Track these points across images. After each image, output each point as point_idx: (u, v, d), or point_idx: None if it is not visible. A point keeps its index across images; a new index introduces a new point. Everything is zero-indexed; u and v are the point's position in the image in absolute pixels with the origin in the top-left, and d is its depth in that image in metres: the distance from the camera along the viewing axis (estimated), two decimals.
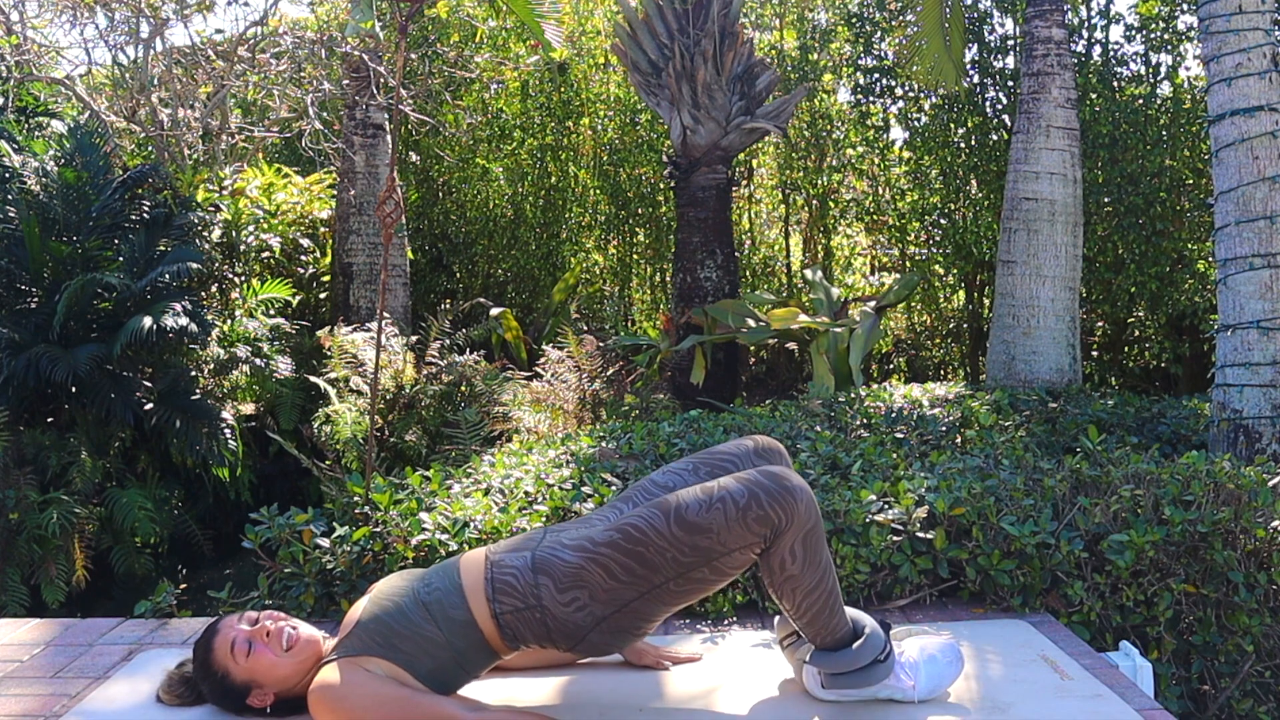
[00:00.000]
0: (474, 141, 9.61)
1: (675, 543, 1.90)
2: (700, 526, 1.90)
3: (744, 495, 1.90)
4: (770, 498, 1.89)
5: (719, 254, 7.25)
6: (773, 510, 1.89)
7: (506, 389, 6.29)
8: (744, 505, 1.89)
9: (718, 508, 1.90)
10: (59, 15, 8.66)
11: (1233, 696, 2.65)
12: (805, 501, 1.91)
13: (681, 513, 1.91)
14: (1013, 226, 5.70)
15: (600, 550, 1.93)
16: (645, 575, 1.92)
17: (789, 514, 1.89)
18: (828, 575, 1.99)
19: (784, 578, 1.96)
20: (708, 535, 1.90)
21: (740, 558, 1.94)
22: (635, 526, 1.93)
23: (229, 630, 2.06)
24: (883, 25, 8.18)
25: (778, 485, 1.90)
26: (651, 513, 1.94)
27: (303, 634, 2.06)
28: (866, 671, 2.03)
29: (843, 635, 2.04)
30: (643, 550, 1.91)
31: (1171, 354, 7.30)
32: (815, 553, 1.95)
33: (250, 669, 2.02)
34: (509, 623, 1.96)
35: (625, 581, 1.92)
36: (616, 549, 1.92)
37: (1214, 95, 4.24)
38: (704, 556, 1.91)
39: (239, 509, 5.99)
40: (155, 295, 5.78)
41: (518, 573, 1.97)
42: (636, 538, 1.92)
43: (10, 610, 4.59)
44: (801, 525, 1.91)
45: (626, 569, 1.92)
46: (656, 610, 1.97)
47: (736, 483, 1.93)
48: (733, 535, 1.90)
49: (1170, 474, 2.91)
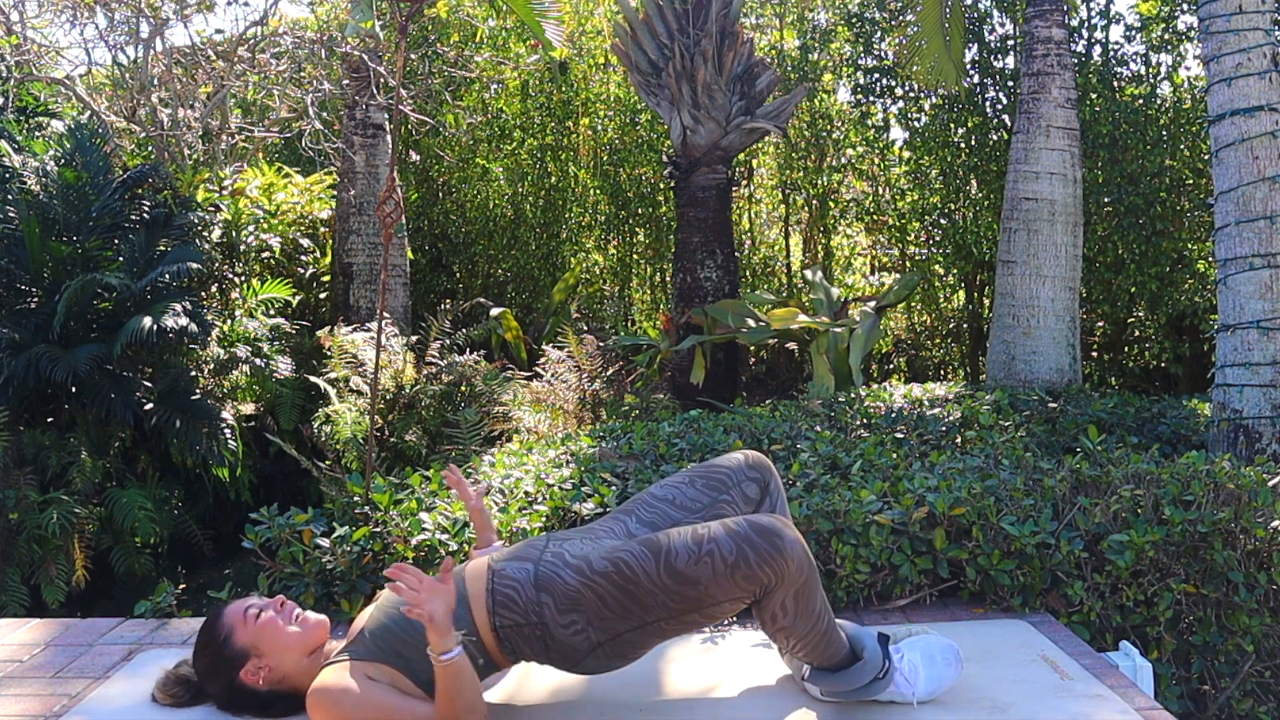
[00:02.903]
0: (474, 141, 9.61)
1: (664, 589, 1.91)
2: (688, 578, 1.89)
3: (733, 552, 1.88)
4: (759, 558, 1.87)
5: (719, 254, 7.25)
6: (761, 571, 1.88)
7: (506, 389, 6.29)
8: (732, 563, 1.88)
9: (705, 561, 1.89)
10: (59, 15, 8.66)
11: (1233, 696, 2.65)
12: (796, 559, 1.89)
13: (671, 561, 1.90)
14: (1013, 226, 5.70)
15: (595, 579, 1.94)
16: (636, 612, 1.93)
17: (778, 574, 1.88)
18: (821, 618, 1.99)
19: (776, 628, 1.99)
20: (695, 586, 1.90)
21: (730, 607, 1.95)
22: (627, 564, 1.93)
23: (245, 600, 2.12)
24: (883, 25, 8.18)
25: (768, 543, 1.88)
26: (643, 553, 1.93)
27: (313, 617, 2.10)
28: (865, 690, 2.05)
29: (841, 659, 2.05)
30: (633, 589, 1.92)
31: (1171, 354, 7.30)
32: (807, 604, 1.95)
33: (256, 633, 2.04)
34: (508, 636, 1.96)
35: (618, 613, 1.93)
36: (609, 581, 1.93)
37: (1214, 95, 4.24)
38: (693, 605, 1.92)
39: (239, 509, 5.98)
40: (155, 295, 5.77)
41: (520, 587, 1.97)
42: (628, 575, 1.92)
43: (10, 610, 4.58)
44: (792, 582, 1.90)
45: (619, 602, 1.93)
46: (649, 641, 1.99)
47: (726, 535, 1.90)
48: (720, 589, 1.90)
49: (1170, 474, 2.91)
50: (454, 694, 1.84)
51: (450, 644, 1.83)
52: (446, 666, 1.83)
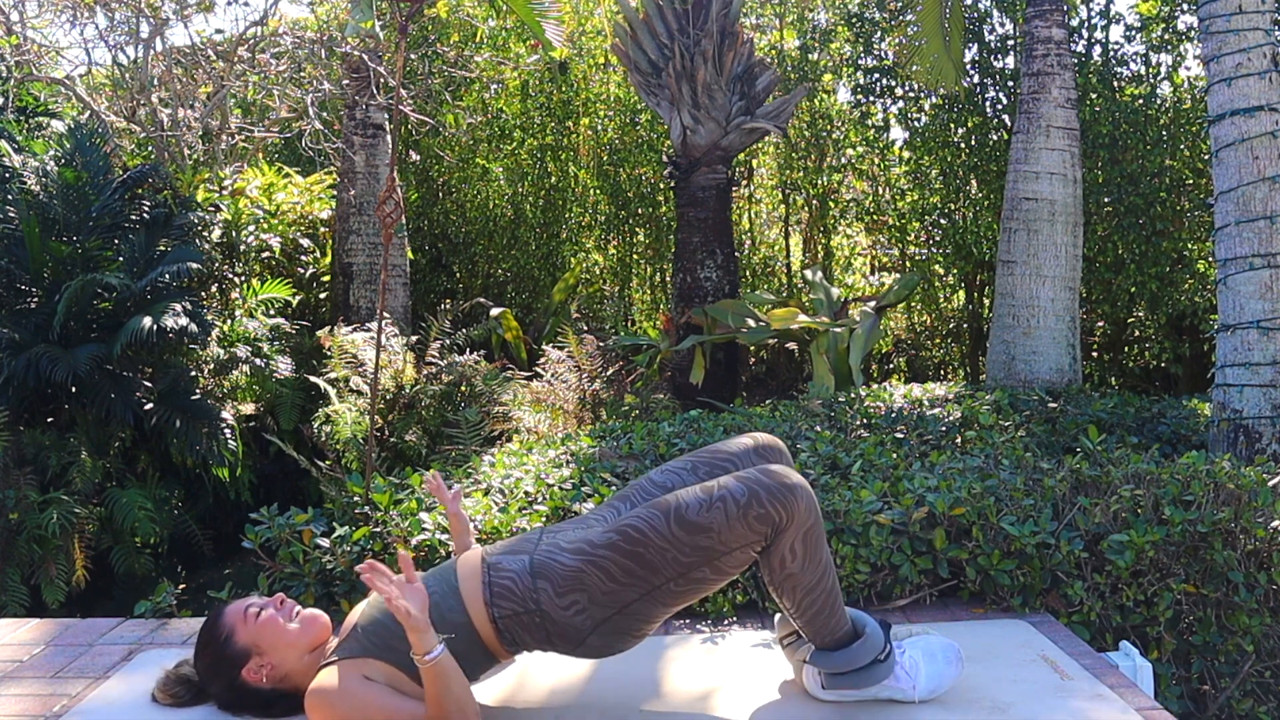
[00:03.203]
0: (474, 141, 9.61)
1: (675, 542, 1.90)
2: (701, 526, 1.90)
3: (744, 494, 1.90)
4: (770, 496, 1.89)
5: (719, 254, 7.25)
6: (773, 508, 1.89)
7: (506, 389, 6.29)
8: (744, 504, 1.89)
9: (718, 507, 1.90)
10: (59, 15, 8.67)
11: (1233, 696, 2.65)
12: (805, 499, 1.91)
13: (681, 512, 1.91)
14: (1013, 226, 5.71)
15: (599, 552, 1.93)
16: (645, 576, 1.92)
17: (789, 512, 1.90)
18: (828, 574, 1.99)
19: (784, 575, 1.96)
20: (708, 534, 1.90)
21: (741, 556, 1.94)
22: (634, 527, 1.93)
23: (245, 600, 2.12)
24: (883, 25, 8.18)
25: (778, 483, 1.90)
26: (651, 513, 1.93)
27: (311, 613, 2.10)
28: (866, 671, 2.04)
29: (843, 635, 2.04)
30: (642, 551, 1.91)
31: (1171, 354, 7.30)
32: (815, 550, 1.95)
33: (257, 632, 2.04)
34: (507, 626, 1.96)
35: (625, 583, 1.92)
36: (615, 550, 1.92)
37: (1214, 95, 4.24)
38: (704, 556, 1.92)
39: (239, 509, 5.98)
40: (155, 295, 5.77)
41: (515, 576, 1.97)
42: (636, 539, 1.92)
43: (10, 610, 4.58)
44: (802, 523, 1.92)
45: (626, 570, 1.92)
46: (656, 611, 1.97)
47: (736, 481, 1.93)
48: (733, 534, 1.90)
49: (1170, 474, 2.91)
50: (442, 694, 1.84)
51: (431, 642, 1.83)
52: (431, 667, 1.83)
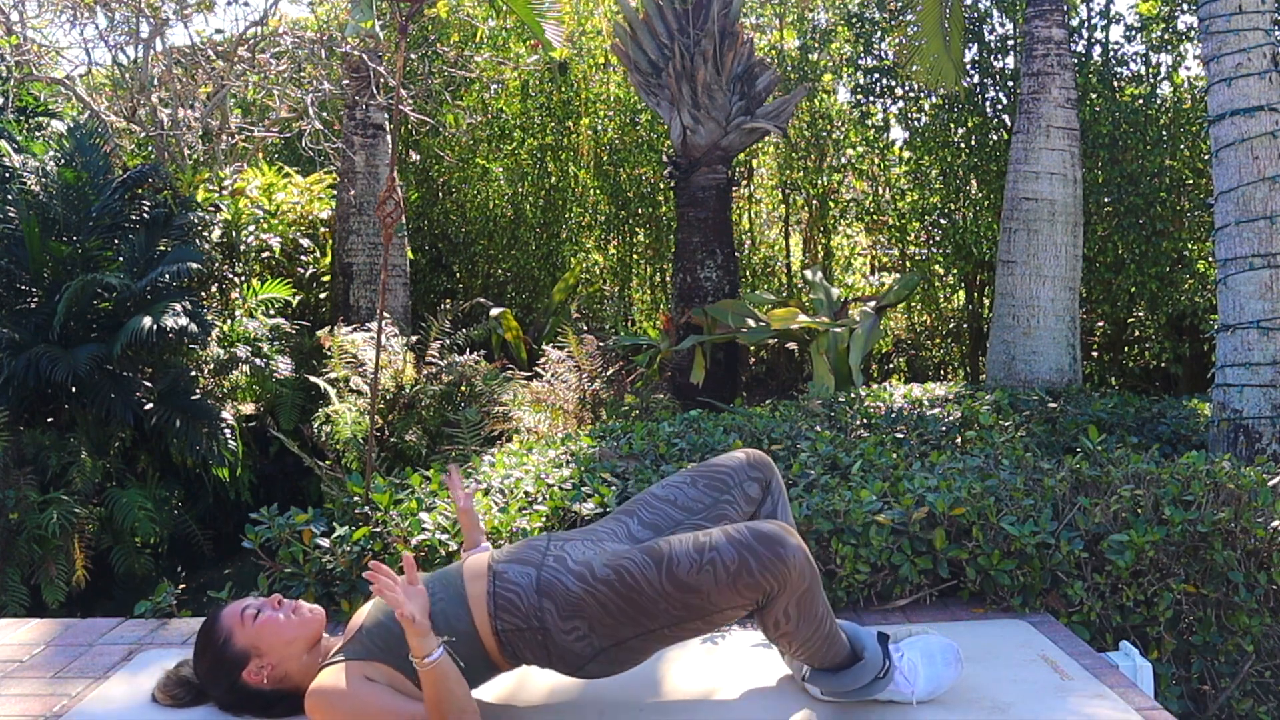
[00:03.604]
0: (474, 141, 9.61)
1: (666, 596, 1.91)
2: (690, 586, 1.90)
3: (734, 561, 1.88)
4: (761, 566, 1.87)
5: (719, 254, 7.25)
6: (764, 579, 1.88)
7: (506, 389, 6.29)
8: (734, 572, 1.88)
9: (708, 570, 1.89)
10: (59, 15, 8.66)
11: (1233, 696, 2.65)
12: (798, 567, 1.89)
13: (673, 569, 1.91)
14: (1013, 226, 5.71)
15: (598, 586, 1.94)
16: (639, 619, 1.94)
17: (781, 581, 1.89)
18: (823, 623, 1.99)
19: (779, 634, 1.99)
20: (698, 595, 1.90)
21: (733, 614, 1.95)
22: (629, 571, 1.93)
23: (241, 602, 2.11)
24: (883, 25, 8.18)
25: (770, 551, 1.88)
26: (645, 561, 1.93)
27: (308, 609, 2.09)
28: (865, 689, 2.05)
29: (842, 660, 2.05)
30: (635, 597, 1.92)
31: (1171, 354, 7.30)
32: (810, 610, 1.95)
33: (255, 633, 2.03)
34: (509, 640, 1.96)
35: (621, 620, 1.94)
36: (612, 589, 1.93)
37: (1214, 95, 4.24)
38: (696, 612, 1.93)
39: (239, 509, 5.98)
40: (155, 295, 5.77)
41: (521, 592, 1.97)
42: (630, 584, 1.92)
43: (10, 610, 4.58)
44: (794, 589, 1.91)
45: (621, 610, 1.93)
46: (653, 647, 2.00)
47: (728, 544, 1.90)
48: (723, 598, 1.90)
49: (1170, 474, 2.91)
50: (442, 696, 1.83)
51: (430, 645, 1.82)
52: (430, 670, 1.82)
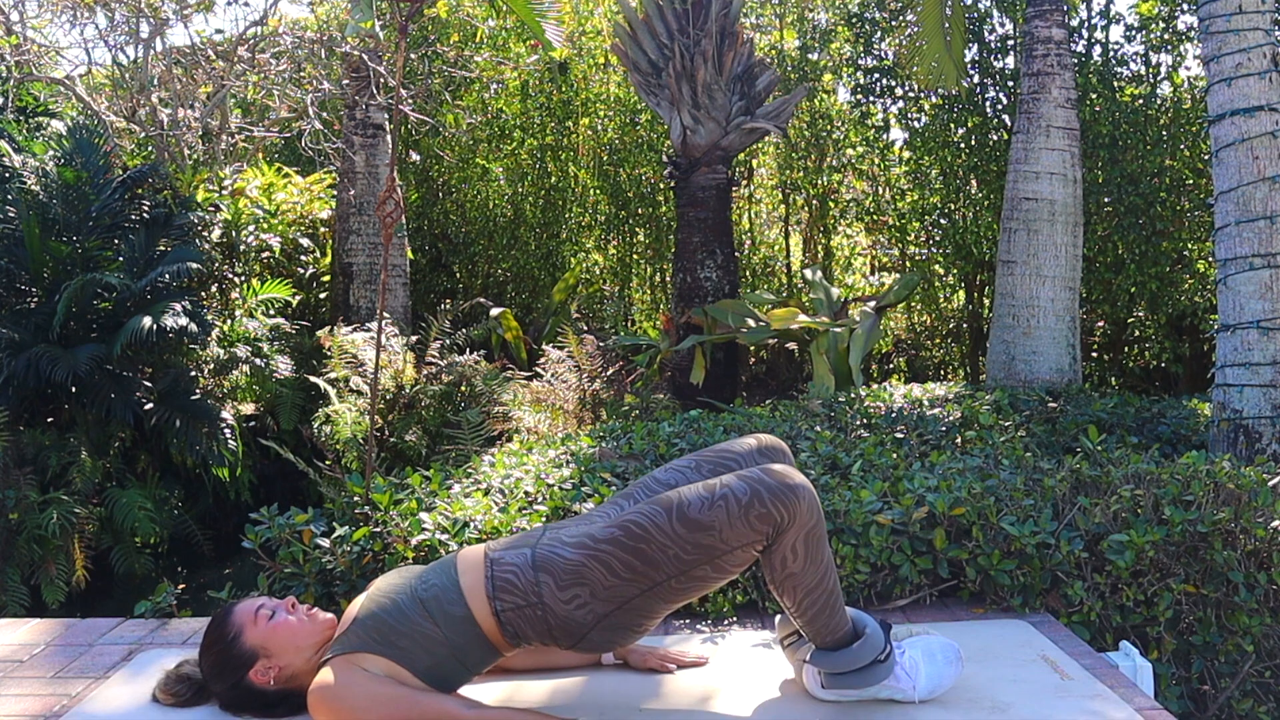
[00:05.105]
0: (474, 141, 9.61)
1: (677, 540, 1.91)
2: (702, 524, 1.90)
3: (746, 493, 1.90)
4: (773, 496, 1.89)
5: (719, 254, 7.26)
6: (775, 508, 1.89)
7: (506, 389, 6.29)
8: (746, 503, 1.89)
9: (720, 505, 1.90)
10: (59, 15, 8.66)
11: (1233, 696, 2.65)
12: (808, 500, 1.91)
13: (684, 510, 1.91)
14: (1013, 226, 5.71)
15: (601, 547, 1.93)
16: (646, 572, 1.92)
17: (791, 512, 1.90)
18: (829, 574, 1.99)
19: (785, 575, 1.96)
20: (710, 533, 1.90)
21: (742, 555, 1.94)
22: (636, 523, 1.93)
23: (255, 599, 2.10)
24: (883, 25, 8.18)
25: (780, 483, 1.90)
26: (653, 509, 1.94)
27: (322, 615, 2.09)
28: (866, 671, 2.04)
29: (843, 635, 2.04)
30: (644, 547, 1.91)
31: (1171, 354, 7.30)
32: (817, 551, 1.95)
33: (268, 634, 2.03)
34: (510, 620, 1.96)
35: (626, 579, 1.93)
36: (618, 545, 1.92)
37: (1214, 95, 4.24)
38: (706, 554, 1.92)
39: (239, 509, 5.99)
40: (155, 295, 5.78)
41: (518, 570, 1.97)
42: (638, 534, 1.92)
43: (10, 610, 4.58)
44: (803, 524, 1.92)
45: (628, 566, 1.92)
46: (657, 607, 1.98)
47: (739, 480, 1.93)
48: (735, 533, 1.90)
49: (1170, 474, 2.90)
50: None
51: None
52: None
